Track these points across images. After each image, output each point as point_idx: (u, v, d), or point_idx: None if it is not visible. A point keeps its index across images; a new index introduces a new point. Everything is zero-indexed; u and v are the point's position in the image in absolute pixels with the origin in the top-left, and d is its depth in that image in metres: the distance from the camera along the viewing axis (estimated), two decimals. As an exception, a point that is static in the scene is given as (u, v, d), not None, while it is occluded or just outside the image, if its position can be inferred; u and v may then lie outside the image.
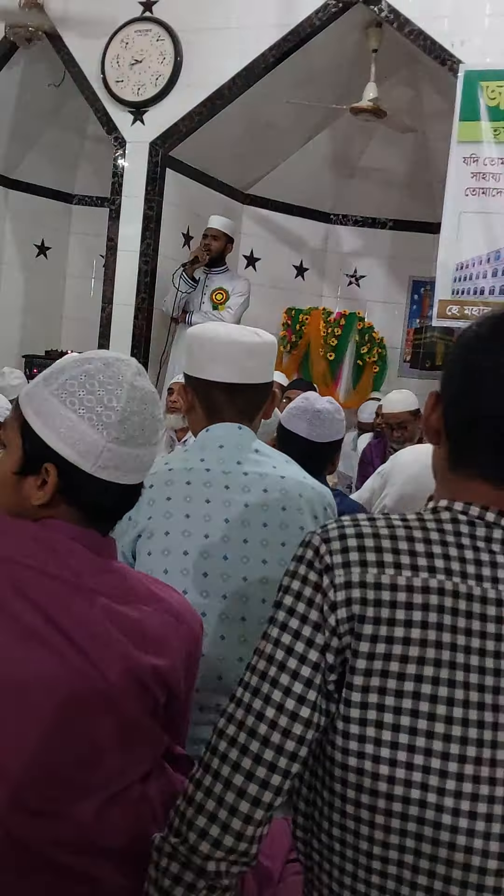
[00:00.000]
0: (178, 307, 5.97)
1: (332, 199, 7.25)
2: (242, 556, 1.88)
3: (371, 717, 1.11)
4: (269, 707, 1.14)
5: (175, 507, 1.89)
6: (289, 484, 1.95)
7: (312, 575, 1.15)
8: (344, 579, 1.13)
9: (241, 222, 6.89)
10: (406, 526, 1.17)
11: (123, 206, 5.97)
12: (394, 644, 1.10)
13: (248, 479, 1.93)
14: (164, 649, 1.31)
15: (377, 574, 1.12)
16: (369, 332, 7.02)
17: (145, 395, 1.32)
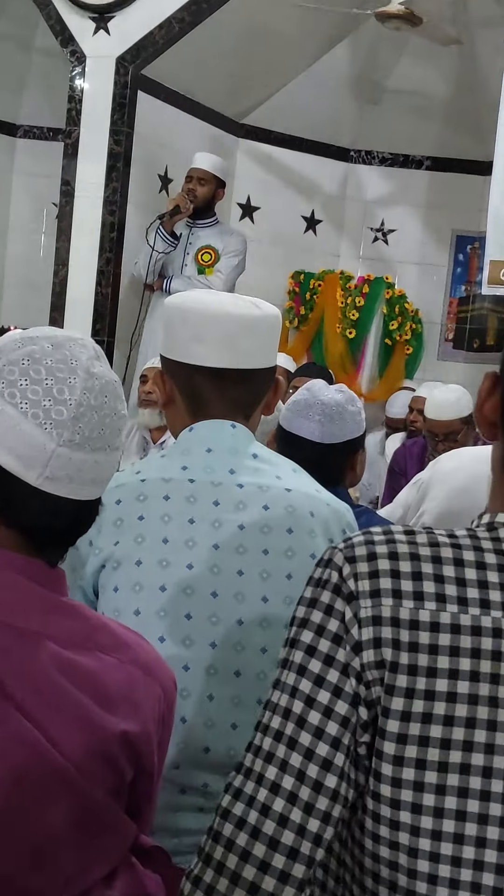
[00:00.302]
0: (153, 271, 5.98)
1: (351, 132, 7.27)
2: (236, 593, 1.87)
3: (406, 799, 1.10)
4: (287, 776, 1.13)
5: (149, 530, 1.89)
6: (297, 499, 1.95)
7: (339, 603, 1.15)
8: (372, 613, 1.13)
9: (234, 161, 6.91)
10: (454, 545, 1.16)
11: (83, 140, 5.98)
12: (435, 701, 1.10)
13: (243, 492, 1.93)
14: (132, 710, 1.31)
15: (414, 609, 1.12)
16: (401, 303, 7.03)
17: (105, 385, 1.31)
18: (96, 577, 1.90)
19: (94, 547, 1.89)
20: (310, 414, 2.62)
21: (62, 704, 1.25)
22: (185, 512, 1.90)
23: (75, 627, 1.32)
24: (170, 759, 1.78)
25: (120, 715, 1.29)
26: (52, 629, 1.29)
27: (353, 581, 1.15)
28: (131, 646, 1.36)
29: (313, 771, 1.13)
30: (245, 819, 1.14)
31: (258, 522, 1.90)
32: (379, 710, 1.11)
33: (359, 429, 2.67)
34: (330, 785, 1.12)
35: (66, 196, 6.06)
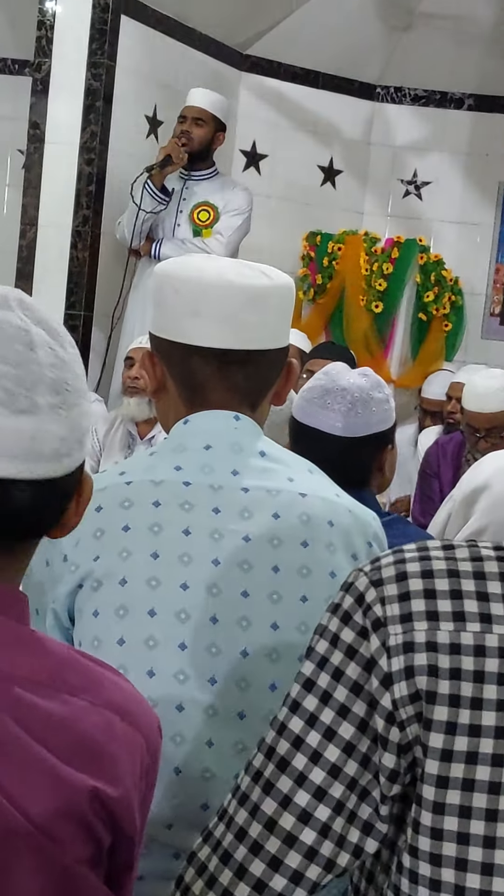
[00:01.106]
0: (140, 233, 5.99)
1: (378, 64, 7.27)
2: (241, 619, 1.88)
3: (448, 854, 1.12)
4: (257, 824, 1.18)
5: (136, 543, 1.89)
6: (313, 505, 1.95)
7: (347, 633, 1.18)
8: (403, 640, 1.15)
9: (237, 99, 6.92)
10: (501, 559, 1.19)
11: (54, 75, 5.98)
12: (482, 738, 1.12)
13: (249, 497, 1.93)
14: (107, 763, 1.31)
15: (455, 631, 1.14)
16: (437, 270, 7.03)
17: (11, 330, 1.27)
18: (72, 598, 1.90)
19: (69, 563, 1.89)
20: (328, 402, 2.59)
21: (23, 759, 1.25)
22: (180, 521, 1.90)
23: (38, 664, 1.31)
24: (161, 818, 1.79)
25: (92, 770, 1.28)
26: (9, 666, 1.28)
27: (379, 606, 1.17)
28: (105, 685, 1.35)
29: (307, 835, 1.17)
30: (216, 877, 1.20)
31: (266, 534, 1.91)
32: (419, 750, 1.13)
33: (387, 420, 2.64)
34: (325, 853, 1.16)
35: (34, 142, 6.05)
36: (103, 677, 1.36)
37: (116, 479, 1.95)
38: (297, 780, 1.17)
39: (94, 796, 1.27)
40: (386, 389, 2.69)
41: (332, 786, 1.16)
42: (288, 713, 1.19)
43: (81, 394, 1.30)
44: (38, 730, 1.26)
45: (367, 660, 1.16)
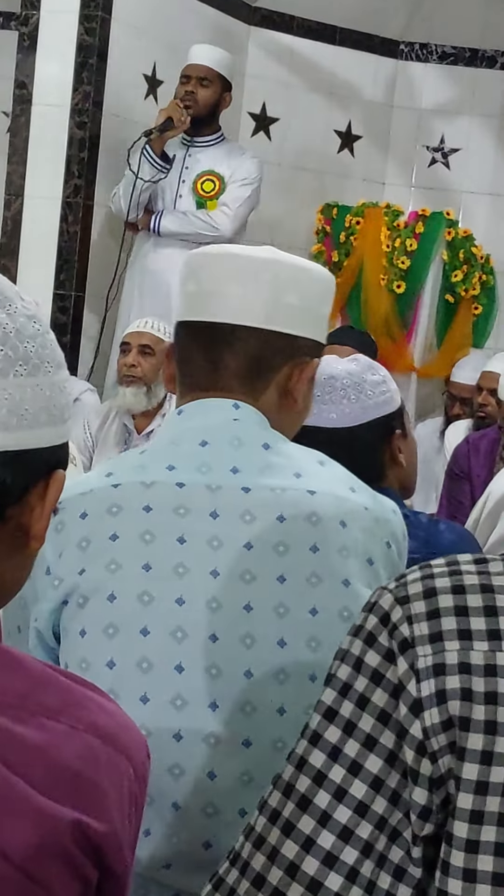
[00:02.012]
0: (138, 204, 5.99)
1: (402, 18, 7.29)
2: (244, 636, 1.88)
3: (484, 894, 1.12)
4: (277, 868, 1.19)
5: (126, 553, 1.89)
6: (323, 504, 1.95)
7: (373, 656, 1.18)
8: (433, 662, 1.15)
9: (245, 57, 6.94)
10: None
11: (43, 29, 5.99)
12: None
13: (251, 498, 1.93)
14: (90, 794, 1.30)
15: (490, 652, 1.15)
16: (466, 246, 7.05)
17: None
18: (57, 615, 1.90)
19: (52, 576, 1.89)
20: (318, 395, 2.55)
21: None
22: (174, 528, 1.90)
23: (9, 684, 1.31)
24: (159, 857, 1.80)
25: (75, 802, 1.28)
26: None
27: (406, 626, 1.17)
28: (87, 706, 1.35)
29: (333, 879, 1.17)
30: (235, 890, 1.22)
31: (271, 539, 1.91)
32: (450, 786, 1.14)
33: (388, 403, 2.61)
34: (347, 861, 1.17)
35: (20, 103, 6.07)
36: (84, 697, 1.36)
37: (103, 481, 1.95)
38: (320, 821, 1.17)
39: (78, 830, 1.27)
40: (381, 371, 2.67)
41: (360, 825, 1.16)
42: (308, 746, 1.19)
43: (25, 364, 1.29)
44: (13, 759, 1.26)
45: (394, 685, 1.16)
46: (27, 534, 1.34)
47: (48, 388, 1.32)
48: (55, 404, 1.33)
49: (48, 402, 1.32)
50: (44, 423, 1.32)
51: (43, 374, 1.32)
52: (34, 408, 1.30)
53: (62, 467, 1.37)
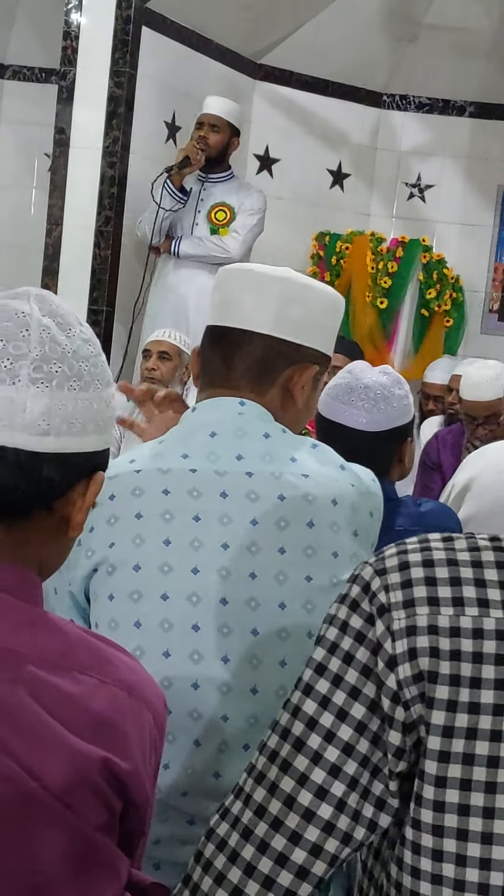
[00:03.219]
0: (159, 231, 5.97)
1: (384, 73, 7.25)
2: (249, 600, 1.87)
3: (450, 825, 1.13)
4: (276, 800, 1.19)
5: (149, 529, 1.89)
6: (316, 485, 1.94)
7: (356, 620, 1.19)
8: (406, 623, 1.16)
9: (251, 106, 6.90)
10: (497, 548, 1.20)
11: (79, 83, 5.97)
12: (481, 715, 1.12)
13: (254, 481, 1.92)
14: (116, 737, 1.31)
15: (454, 616, 1.15)
16: (439, 268, 7.02)
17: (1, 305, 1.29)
18: (87, 582, 1.90)
19: (84, 547, 1.89)
20: (352, 399, 2.60)
21: (38, 733, 1.26)
22: (189, 508, 1.90)
23: (50, 644, 1.32)
24: (177, 786, 1.80)
25: (103, 743, 1.29)
26: (23, 647, 1.29)
27: (383, 593, 1.18)
28: (114, 663, 1.35)
29: (308, 800, 1.18)
30: (226, 841, 1.22)
31: (273, 515, 1.90)
32: (423, 728, 1.14)
33: (407, 415, 2.67)
34: (323, 815, 1.17)
35: (60, 146, 6.05)
36: (113, 656, 1.36)
37: (126, 467, 1.95)
38: (312, 759, 1.18)
39: (105, 767, 1.28)
40: (405, 386, 2.70)
41: (346, 763, 1.17)
42: (301, 696, 1.20)
43: (80, 381, 1.30)
44: (52, 706, 1.27)
45: (374, 644, 1.17)
46: (68, 524, 1.36)
47: (97, 402, 1.33)
48: (101, 416, 1.34)
49: (96, 414, 1.33)
50: (90, 431, 1.33)
51: (93, 390, 1.32)
52: (84, 418, 1.31)
53: (102, 469, 1.37)
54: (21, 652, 1.28)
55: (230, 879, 1.18)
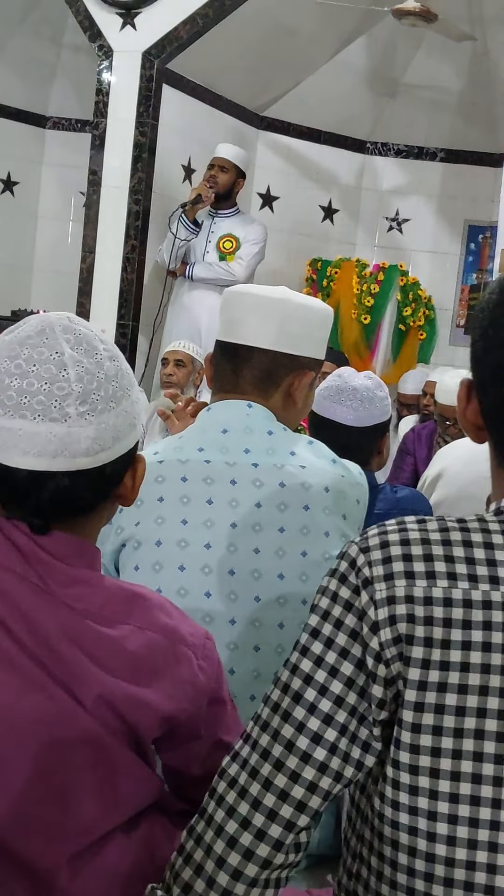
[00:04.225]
0: (176, 258, 5.96)
1: (368, 124, 7.23)
2: (253, 571, 1.87)
3: (424, 764, 1.13)
4: (278, 745, 1.19)
5: (169, 511, 1.89)
6: (312, 475, 1.94)
7: (345, 591, 1.19)
8: (387, 594, 1.15)
9: (255, 152, 6.88)
10: (463, 528, 1.19)
11: (109, 132, 5.96)
12: (450, 671, 1.12)
13: (258, 471, 1.92)
14: (148, 673, 1.33)
15: (427, 587, 1.15)
16: (414, 290, 7.00)
17: (37, 354, 1.29)
18: (116, 555, 1.91)
19: (114, 526, 1.90)
20: (342, 399, 2.62)
21: (76, 669, 1.28)
22: (204, 493, 1.90)
23: (93, 598, 1.33)
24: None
25: (135, 679, 1.31)
26: (76, 601, 1.31)
27: (367, 568, 1.17)
28: (150, 611, 1.37)
29: (303, 743, 1.17)
30: (236, 780, 1.20)
31: (274, 500, 1.90)
32: (401, 683, 1.14)
33: (386, 413, 2.69)
34: (318, 757, 1.17)
35: (93, 185, 6.04)
36: (148, 605, 1.38)
37: (151, 458, 1.95)
38: (308, 710, 1.17)
39: (135, 698, 1.30)
40: (385, 389, 2.73)
41: (337, 713, 1.17)
42: (299, 656, 1.20)
43: (114, 400, 1.32)
44: (90, 647, 1.29)
45: (360, 611, 1.17)
46: (124, 500, 1.40)
47: (129, 407, 1.35)
48: (134, 415, 1.36)
49: (129, 418, 1.35)
50: (128, 432, 1.36)
51: (125, 399, 1.34)
52: (123, 426, 1.34)
53: (138, 450, 1.41)
54: (69, 604, 1.30)
55: (240, 812, 1.18)
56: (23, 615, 1.28)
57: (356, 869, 1.22)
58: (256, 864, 1.17)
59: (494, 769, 1.11)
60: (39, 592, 1.29)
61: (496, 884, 1.10)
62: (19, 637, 1.27)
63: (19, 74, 7.22)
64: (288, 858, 1.19)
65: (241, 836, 1.17)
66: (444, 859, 1.12)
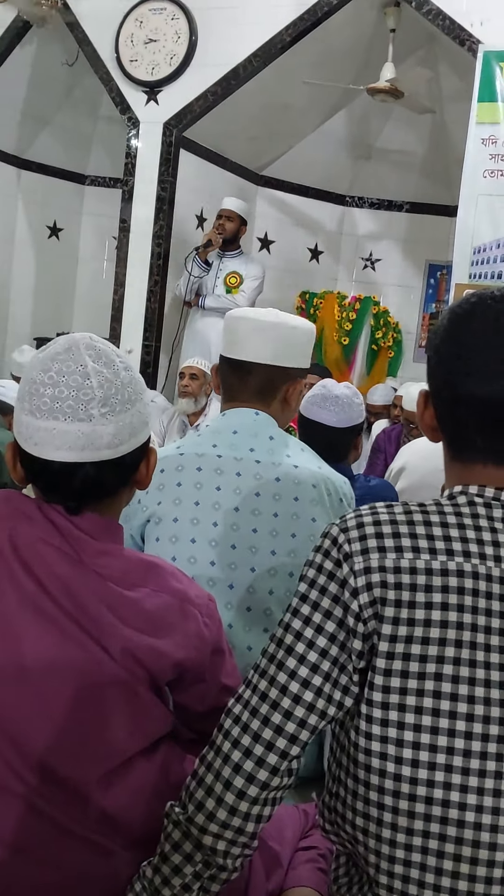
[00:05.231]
0: (190, 291, 5.96)
1: (347, 181, 7.22)
2: (251, 546, 1.87)
3: (393, 701, 1.13)
4: (274, 689, 1.19)
5: (185, 494, 1.89)
6: (302, 473, 1.94)
7: (328, 564, 1.19)
8: (363, 565, 1.16)
9: (255, 204, 6.86)
10: (423, 511, 1.19)
11: (136, 188, 5.95)
12: (415, 626, 1.13)
13: (260, 467, 1.93)
14: (163, 628, 1.33)
15: (396, 559, 1.15)
16: (384, 317, 7.00)
17: (65, 367, 1.30)
18: (142, 528, 1.92)
19: (141, 505, 1.91)
20: (326, 405, 2.65)
21: (103, 624, 1.29)
22: (214, 481, 1.90)
23: (117, 566, 1.34)
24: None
25: (153, 633, 1.31)
26: (105, 569, 1.32)
27: (347, 545, 1.18)
28: (164, 578, 1.37)
29: (294, 687, 1.18)
30: (239, 717, 1.21)
31: (271, 491, 1.91)
32: (375, 637, 1.14)
33: (361, 416, 2.73)
34: (307, 699, 1.17)
35: (123, 232, 6.02)
36: (162, 572, 1.38)
37: (173, 451, 1.96)
38: (299, 660, 1.18)
39: (152, 649, 1.31)
40: (360, 397, 2.77)
41: (322, 663, 1.17)
42: (290, 616, 1.20)
43: (130, 402, 1.33)
44: (115, 606, 1.30)
45: (341, 580, 1.17)
46: (138, 485, 1.41)
47: (141, 408, 1.36)
48: (145, 417, 1.37)
49: (142, 417, 1.36)
50: (142, 428, 1.37)
51: (138, 402, 1.35)
52: (138, 423, 1.34)
53: (153, 444, 1.42)
54: (98, 572, 1.31)
55: (243, 744, 1.18)
56: (60, 580, 1.28)
57: (335, 789, 1.23)
58: (257, 786, 1.18)
59: (450, 705, 1.11)
60: (73, 562, 1.30)
61: (451, 798, 1.11)
62: (57, 599, 1.28)
63: (64, 141, 7.21)
64: (283, 781, 1.20)
65: (244, 764, 1.18)
66: (408, 779, 1.12)
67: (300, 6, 5.36)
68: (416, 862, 1.13)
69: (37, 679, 1.26)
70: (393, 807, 1.13)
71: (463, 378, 1.19)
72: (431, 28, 5.14)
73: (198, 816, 1.20)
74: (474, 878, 1.11)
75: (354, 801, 1.18)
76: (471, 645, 1.12)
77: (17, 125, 6.89)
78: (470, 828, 1.10)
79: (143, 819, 1.31)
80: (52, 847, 1.27)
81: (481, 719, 1.11)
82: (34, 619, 1.27)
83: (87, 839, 1.28)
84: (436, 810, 1.11)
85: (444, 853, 1.11)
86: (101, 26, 5.88)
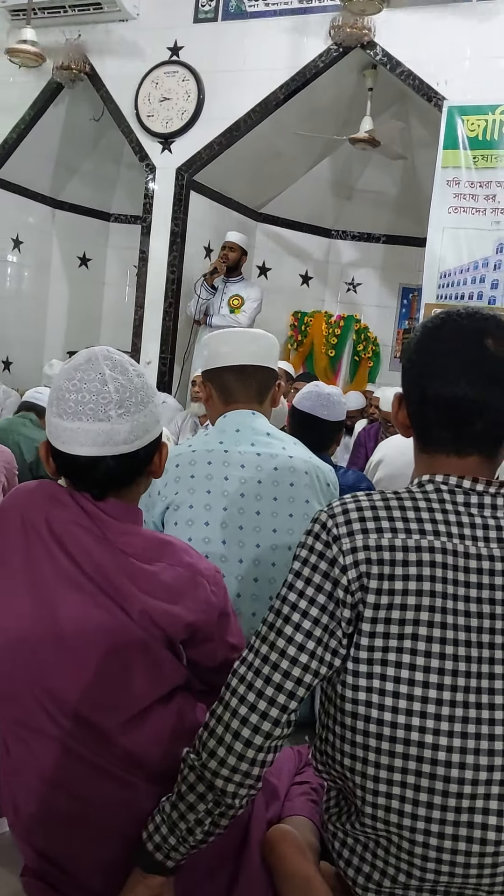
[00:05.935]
0: (199, 311, 5.94)
1: (333, 217, 7.20)
2: (255, 526, 1.87)
3: (375, 657, 1.13)
4: (274, 652, 1.18)
5: (198, 484, 1.89)
6: (297, 463, 1.95)
7: (319, 545, 1.18)
8: (350, 545, 1.15)
9: (254, 237, 6.84)
10: (398, 498, 1.20)
11: (154, 224, 5.93)
12: (395, 596, 1.13)
13: (260, 459, 1.93)
14: (177, 596, 1.33)
15: (378, 538, 1.15)
16: (365, 332, 6.99)
17: (86, 376, 1.30)
18: (162, 515, 1.92)
19: (161, 495, 1.90)
20: (320, 401, 2.68)
21: (124, 592, 1.29)
22: (222, 472, 1.90)
23: (140, 545, 1.34)
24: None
25: (168, 600, 1.31)
26: (127, 547, 1.32)
27: (335, 528, 1.18)
28: (177, 554, 1.37)
29: (291, 650, 1.17)
30: (244, 676, 1.20)
31: (270, 478, 1.91)
32: (361, 605, 1.14)
33: (344, 414, 2.75)
34: (302, 661, 1.16)
35: (142, 261, 6.01)
36: (176, 549, 1.37)
37: (186, 449, 1.95)
38: (295, 627, 1.17)
39: (167, 613, 1.31)
40: (343, 398, 2.80)
41: (315, 629, 1.16)
42: (286, 590, 1.19)
43: (142, 404, 1.32)
44: (135, 577, 1.30)
45: (331, 559, 1.16)
46: (153, 474, 1.40)
47: (153, 408, 1.36)
48: (157, 416, 1.37)
49: (154, 416, 1.36)
50: (154, 426, 1.36)
51: (150, 403, 1.34)
52: (150, 421, 1.34)
53: (164, 440, 1.40)
54: (121, 548, 1.31)
55: (248, 699, 1.18)
56: (89, 556, 1.28)
57: (325, 735, 1.23)
58: (261, 735, 1.17)
59: (424, 660, 1.11)
60: (100, 541, 1.30)
61: (425, 740, 1.11)
62: (87, 571, 1.28)
63: (92, 184, 7.20)
64: (283, 731, 1.19)
65: (249, 717, 1.17)
66: (389, 723, 1.12)
67: (292, 69, 5.37)
68: (396, 794, 1.13)
69: (71, 640, 1.26)
70: (376, 747, 1.14)
71: (430, 381, 1.20)
72: (403, 87, 5.14)
73: (210, 762, 1.19)
74: (445, 808, 1.11)
75: (342, 745, 1.18)
76: (442, 610, 1.12)
77: (52, 171, 6.89)
78: (441, 765, 1.11)
79: (161, 757, 1.31)
80: (84, 782, 1.27)
81: (450, 673, 1.11)
82: (68, 589, 1.27)
83: (114, 774, 1.28)
84: (412, 750, 1.11)
85: (420, 787, 1.12)
86: (122, 87, 5.88)
